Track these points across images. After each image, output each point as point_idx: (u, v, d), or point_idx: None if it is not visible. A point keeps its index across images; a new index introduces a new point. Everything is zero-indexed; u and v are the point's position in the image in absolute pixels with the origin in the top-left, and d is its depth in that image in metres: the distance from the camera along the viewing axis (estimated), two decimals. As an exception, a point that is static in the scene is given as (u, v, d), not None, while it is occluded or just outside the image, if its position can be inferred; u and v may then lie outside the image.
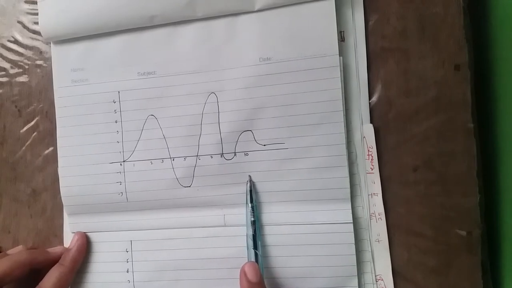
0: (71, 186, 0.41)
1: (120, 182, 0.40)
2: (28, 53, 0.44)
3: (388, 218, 0.36)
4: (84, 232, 0.41)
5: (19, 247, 0.41)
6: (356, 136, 0.37)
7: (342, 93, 0.36)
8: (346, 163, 0.36)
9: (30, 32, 0.43)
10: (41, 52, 0.43)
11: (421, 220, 0.36)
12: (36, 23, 0.43)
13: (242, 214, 0.38)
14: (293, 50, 0.36)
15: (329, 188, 0.36)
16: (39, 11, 0.40)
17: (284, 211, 0.37)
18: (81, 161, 0.41)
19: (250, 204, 0.37)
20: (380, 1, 0.37)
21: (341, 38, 0.37)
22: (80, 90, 0.41)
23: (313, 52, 0.36)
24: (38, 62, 0.43)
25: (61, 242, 0.42)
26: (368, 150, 0.36)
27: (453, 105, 0.36)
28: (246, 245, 0.37)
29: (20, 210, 0.43)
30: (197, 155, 0.38)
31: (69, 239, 0.41)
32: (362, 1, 0.37)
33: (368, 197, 0.36)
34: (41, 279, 0.37)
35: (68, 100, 0.41)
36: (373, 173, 0.36)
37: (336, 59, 0.36)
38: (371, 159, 0.36)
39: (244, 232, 0.37)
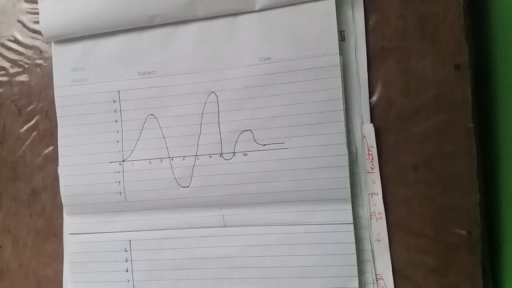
0: (71, 185, 0.41)
1: (119, 181, 0.40)
2: (28, 52, 0.44)
3: (388, 218, 0.36)
4: None
5: None
6: (357, 136, 0.37)
7: (342, 92, 0.36)
8: (346, 162, 0.36)
9: (30, 31, 0.43)
10: (41, 52, 0.43)
11: (421, 220, 0.36)
12: (36, 22, 0.43)
13: (242, 214, 0.38)
14: (294, 50, 0.36)
15: (330, 188, 0.36)
16: (39, 11, 0.40)
17: (284, 211, 0.37)
18: (81, 161, 0.41)
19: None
20: (380, 0, 0.37)
21: (342, 37, 0.37)
22: (80, 90, 0.41)
23: (313, 52, 0.36)
24: (38, 62, 0.43)
25: (60, 242, 0.42)
26: (369, 150, 0.36)
27: (453, 105, 0.36)
28: (245, 244, 0.37)
29: (20, 210, 0.43)
30: (196, 155, 0.38)
31: (68, 239, 0.41)
32: (362, 0, 0.37)
33: (368, 196, 0.36)
34: None
35: (68, 99, 0.41)
36: (373, 172, 0.36)
37: (336, 59, 0.36)
38: (371, 159, 0.36)
39: (244, 232, 0.37)
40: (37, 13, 0.41)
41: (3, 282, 0.44)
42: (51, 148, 0.42)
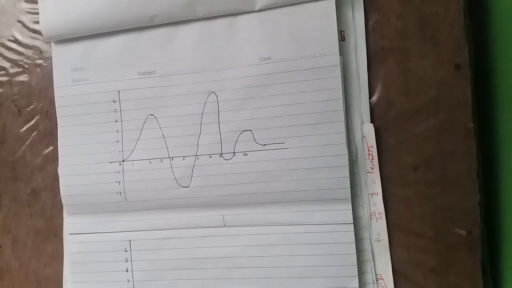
0: (71, 185, 0.41)
1: (119, 181, 0.40)
2: (28, 52, 0.44)
3: (388, 218, 0.36)
4: None
5: None
6: (357, 136, 0.37)
7: (342, 92, 0.36)
8: (346, 162, 0.36)
9: (30, 31, 0.43)
10: (41, 52, 0.43)
11: (421, 220, 0.36)
12: (36, 22, 0.43)
13: (242, 214, 0.38)
14: (294, 50, 0.36)
15: (329, 188, 0.36)
16: (39, 11, 0.40)
17: (284, 211, 0.37)
18: (81, 161, 0.41)
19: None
20: (380, 0, 0.37)
21: (342, 37, 0.37)
22: (80, 90, 0.41)
23: (313, 52, 0.36)
24: (38, 62, 0.43)
25: (60, 242, 0.42)
26: (369, 150, 0.36)
27: (453, 105, 0.36)
28: (245, 244, 0.37)
29: (20, 210, 0.43)
30: (196, 155, 0.38)
31: (68, 239, 0.41)
32: (362, 0, 0.37)
33: (368, 196, 0.36)
34: None
35: (68, 99, 0.41)
36: (373, 172, 0.36)
37: (336, 59, 0.36)
38: (371, 159, 0.36)
39: (244, 232, 0.37)
40: (37, 13, 0.41)
41: (3, 282, 0.44)
42: (51, 148, 0.42)
